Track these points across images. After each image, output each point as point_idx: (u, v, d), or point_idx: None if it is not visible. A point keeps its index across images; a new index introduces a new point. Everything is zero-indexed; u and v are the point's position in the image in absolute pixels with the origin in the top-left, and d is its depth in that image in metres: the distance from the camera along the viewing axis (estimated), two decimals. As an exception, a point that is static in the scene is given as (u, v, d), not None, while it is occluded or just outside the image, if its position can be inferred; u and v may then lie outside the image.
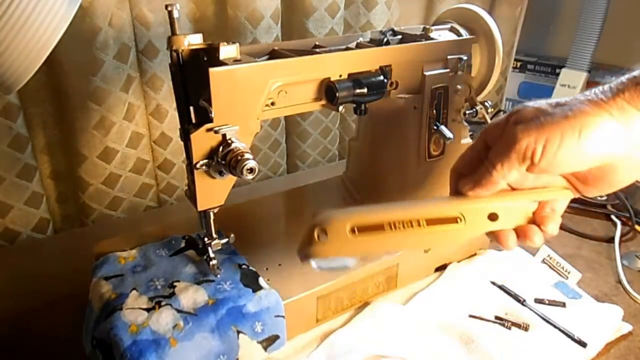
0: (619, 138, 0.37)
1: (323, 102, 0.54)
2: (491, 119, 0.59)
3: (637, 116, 0.36)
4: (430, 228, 0.42)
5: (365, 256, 0.43)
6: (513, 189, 0.42)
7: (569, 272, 0.66)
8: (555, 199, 0.42)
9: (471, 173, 0.43)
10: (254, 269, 0.55)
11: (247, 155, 0.46)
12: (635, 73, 0.37)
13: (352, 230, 0.41)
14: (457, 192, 0.44)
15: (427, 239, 0.43)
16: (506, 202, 0.42)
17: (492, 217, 0.42)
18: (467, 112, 0.64)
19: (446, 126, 0.63)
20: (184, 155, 0.50)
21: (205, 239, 0.54)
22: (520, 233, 0.43)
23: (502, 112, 1.20)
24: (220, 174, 0.49)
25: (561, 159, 0.38)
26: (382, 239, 0.42)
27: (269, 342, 0.52)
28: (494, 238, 0.43)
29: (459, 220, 0.42)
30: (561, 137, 0.37)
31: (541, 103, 0.40)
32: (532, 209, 0.43)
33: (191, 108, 0.48)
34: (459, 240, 0.43)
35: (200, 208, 0.51)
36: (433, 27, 0.64)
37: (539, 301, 0.61)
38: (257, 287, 0.53)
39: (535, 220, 0.43)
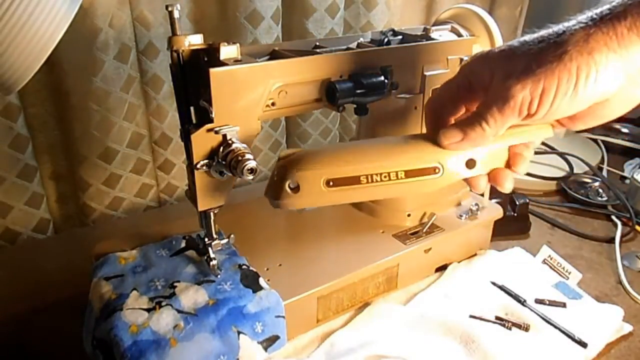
0: (617, 74, 0.34)
1: (323, 102, 0.54)
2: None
3: (637, 45, 0.33)
4: (407, 179, 0.40)
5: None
6: None
7: (569, 273, 0.66)
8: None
9: (450, 113, 0.41)
10: (254, 269, 0.55)
11: (247, 156, 0.46)
12: None
13: (327, 183, 0.39)
14: (434, 132, 0.41)
15: (403, 189, 0.41)
16: (485, 147, 0.40)
17: (470, 164, 0.41)
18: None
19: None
20: (185, 155, 0.50)
21: (206, 239, 0.54)
22: (491, 177, 0.41)
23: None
24: (221, 174, 0.49)
25: (558, 107, 0.35)
26: (357, 191, 0.40)
27: (269, 342, 0.52)
28: (467, 183, 0.42)
29: (437, 170, 0.40)
30: (558, 85, 0.34)
31: (527, 41, 0.36)
32: (507, 151, 0.41)
33: (192, 108, 0.49)
34: (434, 189, 0.41)
35: (200, 208, 0.51)
36: (433, 28, 0.64)
37: (539, 301, 0.61)
38: (257, 288, 0.53)
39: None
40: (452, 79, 0.42)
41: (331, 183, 0.40)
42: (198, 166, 0.48)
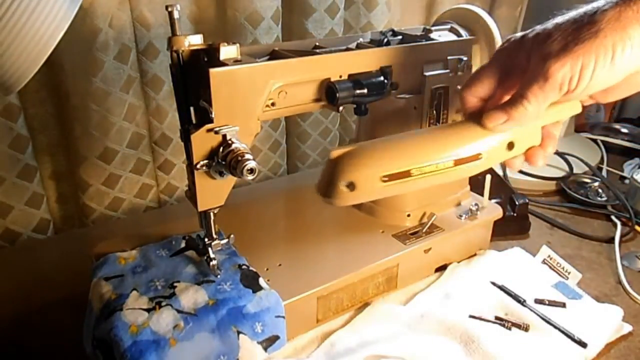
0: None
1: (323, 102, 0.54)
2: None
3: None
4: (455, 167, 0.42)
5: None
6: None
7: (569, 273, 0.66)
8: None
9: (489, 99, 0.43)
10: (254, 270, 0.55)
11: (247, 156, 0.46)
12: None
13: (382, 179, 0.41)
14: (474, 118, 0.43)
15: (450, 177, 0.43)
16: (523, 128, 0.42)
17: (510, 146, 0.43)
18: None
19: (446, 127, 0.63)
20: (184, 155, 0.50)
21: (206, 240, 0.54)
22: (527, 156, 0.44)
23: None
24: (221, 174, 0.49)
25: (595, 82, 0.37)
26: (409, 183, 0.42)
27: (269, 342, 0.52)
28: (504, 163, 0.44)
29: (481, 156, 0.43)
30: (595, 60, 0.36)
31: (560, 24, 0.39)
32: (540, 131, 0.43)
33: (191, 108, 0.49)
34: (477, 172, 0.44)
35: (200, 208, 0.51)
36: (433, 28, 0.64)
37: (539, 301, 0.61)
38: (257, 288, 0.53)
39: None
40: (487, 65, 0.44)
41: (385, 178, 0.41)
42: (198, 166, 0.48)
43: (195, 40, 0.46)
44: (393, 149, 0.43)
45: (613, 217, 0.82)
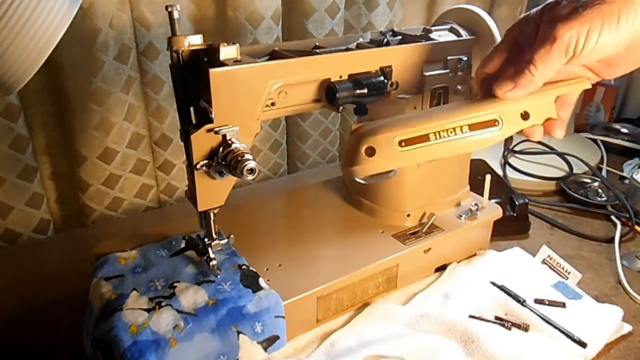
0: None
1: (323, 102, 0.54)
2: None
3: None
4: (471, 133, 0.44)
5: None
6: None
7: (569, 273, 0.66)
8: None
9: (501, 74, 0.44)
10: (254, 270, 0.55)
11: (247, 156, 0.46)
12: None
13: (399, 144, 0.43)
14: (488, 93, 0.45)
15: (468, 144, 0.45)
16: (536, 99, 0.44)
17: (525, 115, 0.45)
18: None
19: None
20: (184, 156, 0.50)
21: (206, 240, 0.54)
22: (545, 126, 0.45)
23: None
24: (221, 174, 0.49)
25: (602, 45, 0.39)
26: (427, 149, 0.44)
27: (269, 342, 0.52)
28: (524, 134, 0.46)
29: (497, 122, 0.44)
30: (602, 24, 0.38)
31: None
32: (553, 103, 0.45)
33: (191, 109, 0.49)
34: (495, 141, 0.46)
35: (200, 208, 0.51)
36: (433, 28, 0.64)
37: (539, 301, 0.61)
38: (257, 288, 0.53)
39: None
40: (499, 43, 0.46)
41: (403, 143, 0.43)
42: (198, 166, 0.48)
43: (195, 41, 0.46)
44: (410, 118, 0.45)
45: (613, 217, 0.82)
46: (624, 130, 1.10)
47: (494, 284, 0.64)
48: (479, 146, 0.46)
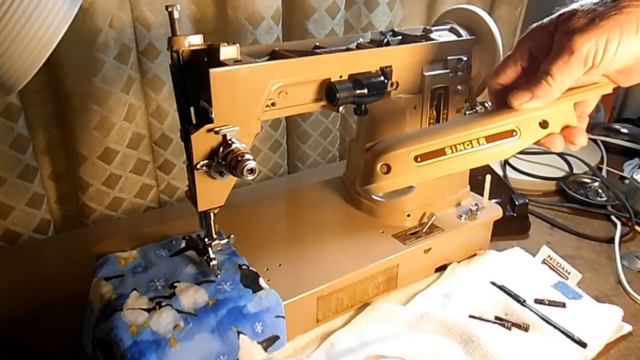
0: None
1: (323, 102, 0.54)
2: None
3: None
4: (488, 144, 0.43)
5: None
6: None
7: (569, 273, 0.66)
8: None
9: (516, 85, 0.43)
10: (254, 270, 0.55)
11: (247, 156, 0.46)
12: None
13: (415, 159, 0.42)
14: (504, 104, 0.44)
15: (485, 156, 0.44)
16: (555, 106, 0.43)
17: (544, 124, 0.43)
18: (467, 112, 0.64)
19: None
20: (185, 155, 0.50)
21: (206, 240, 0.54)
22: (565, 135, 0.44)
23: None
24: (221, 174, 0.49)
25: (620, 56, 0.38)
26: (444, 163, 0.43)
27: (269, 342, 0.52)
28: (542, 144, 0.44)
29: (514, 133, 0.43)
30: (620, 34, 0.37)
31: (583, 4, 0.40)
32: (573, 110, 0.44)
33: (192, 109, 0.49)
34: (514, 152, 0.45)
35: (200, 208, 0.51)
36: (433, 28, 0.64)
37: (539, 301, 0.61)
38: (257, 288, 0.53)
39: None
40: (511, 55, 0.44)
41: (419, 158, 0.42)
42: (198, 166, 0.48)
43: (195, 41, 0.46)
44: (425, 133, 0.44)
45: (613, 217, 0.82)
46: (624, 130, 1.10)
47: (494, 284, 0.64)
48: (497, 157, 0.45)
